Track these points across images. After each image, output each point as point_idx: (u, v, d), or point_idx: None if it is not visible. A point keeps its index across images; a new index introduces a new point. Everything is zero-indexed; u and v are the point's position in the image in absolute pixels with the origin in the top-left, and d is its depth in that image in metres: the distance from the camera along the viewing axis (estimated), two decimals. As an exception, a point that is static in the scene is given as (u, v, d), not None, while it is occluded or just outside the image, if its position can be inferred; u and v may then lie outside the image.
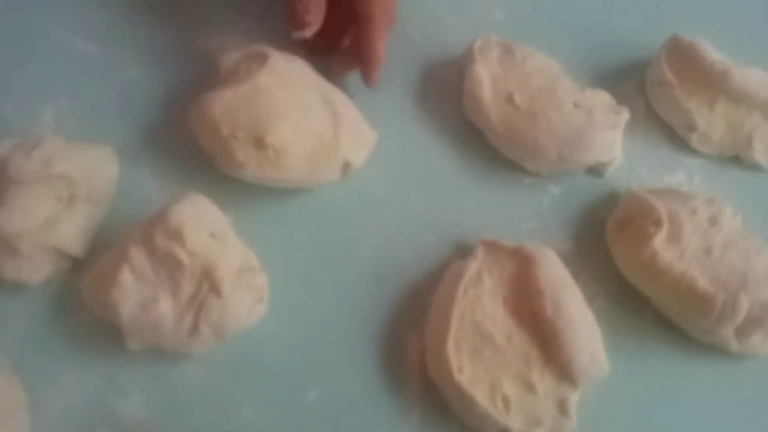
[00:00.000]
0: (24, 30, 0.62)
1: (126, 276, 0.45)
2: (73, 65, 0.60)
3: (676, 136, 0.61)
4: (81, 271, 0.49)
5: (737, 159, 0.60)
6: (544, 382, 0.46)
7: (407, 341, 0.50)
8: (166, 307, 0.46)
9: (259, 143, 0.51)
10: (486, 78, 0.58)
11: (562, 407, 0.46)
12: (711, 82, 0.59)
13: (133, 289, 0.45)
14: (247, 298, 0.47)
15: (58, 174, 0.49)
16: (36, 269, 0.49)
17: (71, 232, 0.50)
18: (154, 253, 0.46)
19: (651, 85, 0.62)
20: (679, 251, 0.51)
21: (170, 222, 0.46)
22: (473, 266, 0.50)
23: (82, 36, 0.62)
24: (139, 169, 0.55)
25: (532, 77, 0.59)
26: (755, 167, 0.60)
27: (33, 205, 0.49)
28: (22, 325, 0.49)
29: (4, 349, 0.47)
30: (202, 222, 0.48)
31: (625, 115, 0.58)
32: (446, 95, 0.61)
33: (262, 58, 0.55)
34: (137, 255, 0.46)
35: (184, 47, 0.62)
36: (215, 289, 0.46)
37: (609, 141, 0.56)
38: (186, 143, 0.56)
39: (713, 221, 0.52)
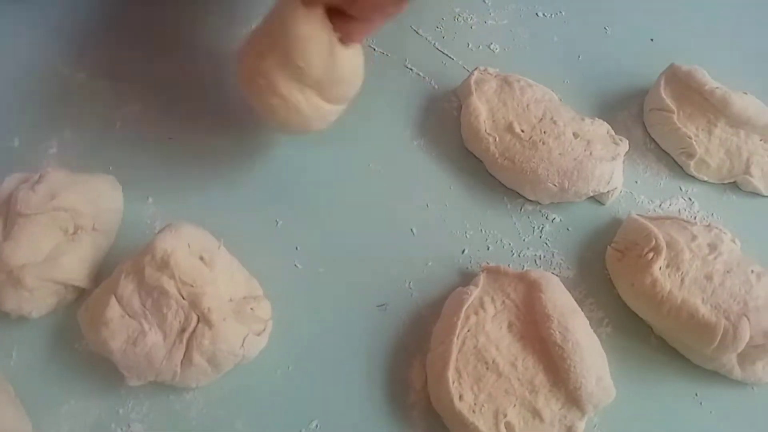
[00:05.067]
0: (30, 67, 0.63)
1: (113, 312, 0.45)
2: (78, 99, 0.62)
3: (674, 164, 0.61)
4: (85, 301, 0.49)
5: (735, 185, 0.61)
6: (550, 408, 0.46)
7: (411, 370, 0.50)
8: (155, 340, 0.45)
9: None
10: (483, 110, 0.59)
11: (569, 434, 0.46)
12: (710, 107, 0.60)
13: (120, 325, 0.45)
14: (243, 328, 0.47)
15: (64, 206, 0.50)
16: (38, 303, 0.49)
17: (75, 264, 0.50)
18: (142, 285, 0.46)
19: (650, 113, 0.63)
20: (679, 278, 0.51)
21: (156, 251, 0.46)
22: (474, 293, 0.50)
23: (85, 71, 0.63)
24: (144, 199, 0.56)
25: (530, 108, 0.59)
26: (753, 193, 0.60)
27: (38, 237, 0.49)
28: (27, 355, 0.49)
29: (10, 378, 0.47)
30: (190, 248, 0.48)
31: (624, 146, 0.58)
32: (447, 126, 0.62)
33: None
34: (126, 288, 0.46)
35: (183, 80, 0.63)
36: (205, 319, 0.45)
37: (608, 172, 0.57)
38: (187, 173, 0.58)
39: (713, 247, 0.52)
